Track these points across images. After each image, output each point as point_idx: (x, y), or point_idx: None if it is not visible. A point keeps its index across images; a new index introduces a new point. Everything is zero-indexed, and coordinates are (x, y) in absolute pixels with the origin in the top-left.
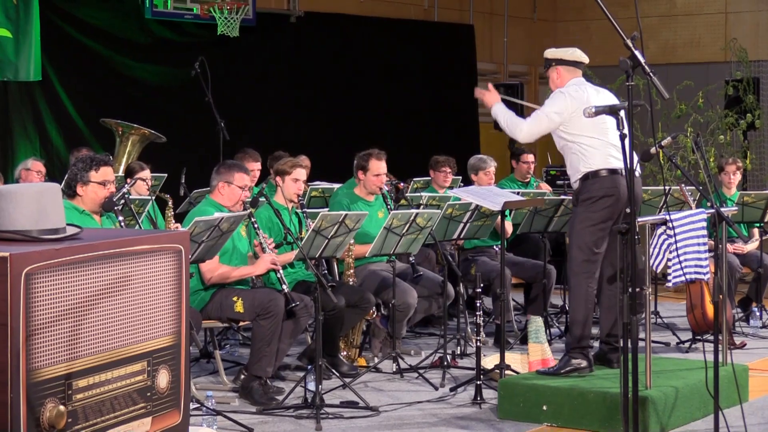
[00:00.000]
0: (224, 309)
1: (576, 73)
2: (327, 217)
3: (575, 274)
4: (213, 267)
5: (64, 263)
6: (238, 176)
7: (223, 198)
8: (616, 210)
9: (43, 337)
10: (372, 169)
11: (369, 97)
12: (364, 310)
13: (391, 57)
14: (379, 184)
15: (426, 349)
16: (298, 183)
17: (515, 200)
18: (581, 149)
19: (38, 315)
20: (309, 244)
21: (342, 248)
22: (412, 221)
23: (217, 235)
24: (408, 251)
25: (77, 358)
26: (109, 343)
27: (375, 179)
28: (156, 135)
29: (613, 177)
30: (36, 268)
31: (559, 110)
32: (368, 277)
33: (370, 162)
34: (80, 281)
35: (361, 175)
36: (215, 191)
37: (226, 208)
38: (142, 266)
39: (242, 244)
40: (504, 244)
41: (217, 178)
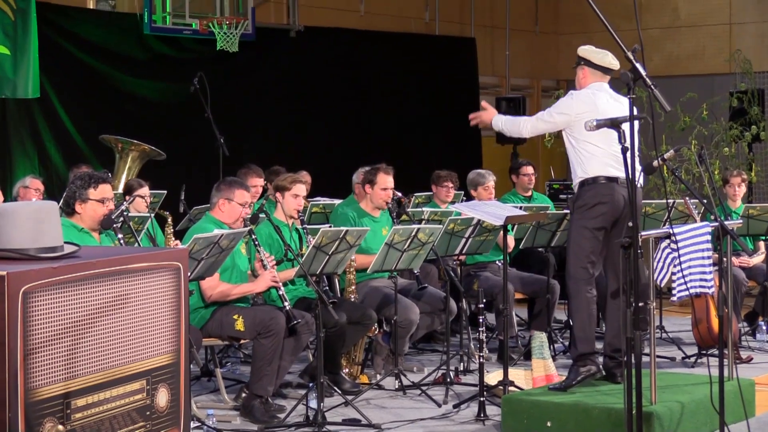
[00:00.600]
0: (225, 327)
1: (601, 78)
2: (328, 233)
3: (573, 280)
4: (213, 284)
5: (62, 281)
6: (238, 193)
7: (224, 215)
8: (610, 218)
9: (42, 356)
10: (380, 182)
11: (370, 112)
12: (365, 327)
13: (391, 71)
14: (386, 198)
15: (429, 365)
16: (298, 199)
17: (517, 215)
18: (582, 155)
19: (36, 334)
20: (310, 260)
21: (343, 264)
22: (414, 237)
23: (217, 252)
24: (410, 267)
25: (76, 377)
26: (107, 362)
27: (382, 193)
28: (156, 151)
29: (609, 185)
30: (33, 286)
31: (561, 111)
32: (370, 294)
33: (378, 176)
34: (79, 299)
35: (368, 189)
36: (215, 208)
37: (226, 225)
38: (141, 284)
39: (242, 261)
40: (506, 259)
41: (217, 195)
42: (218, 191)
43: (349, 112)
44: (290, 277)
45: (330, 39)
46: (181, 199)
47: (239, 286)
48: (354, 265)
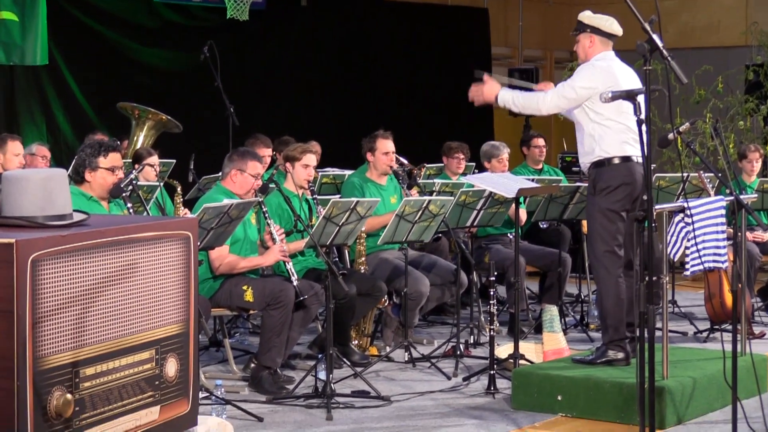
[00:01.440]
0: (234, 298)
1: (608, 46)
2: (338, 204)
3: (602, 266)
4: (222, 255)
5: (70, 250)
6: (251, 164)
7: (235, 186)
8: (633, 197)
9: (50, 324)
10: (380, 147)
11: (381, 83)
12: (375, 299)
13: (403, 41)
14: (389, 163)
15: (438, 338)
16: (308, 169)
17: (530, 187)
18: (600, 132)
19: (44, 302)
20: (320, 231)
21: (353, 235)
22: (425, 208)
23: (226, 222)
24: (420, 239)
25: (84, 346)
26: (116, 331)
27: (384, 158)
28: (174, 123)
29: (627, 165)
30: (42, 254)
31: (588, 85)
32: (380, 265)
33: (377, 141)
34: (87, 268)
35: (370, 156)
36: (227, 178)
37: (237, 196)
38: (150, 253)
39: (252, 231)
40: (518, 231)
41: (229, 165)
42: (230, 161)
43: (360, 83)
44: (300, 248)
45: (341, 8)
46: (191, 168)
47: (247, 259)
48: (363, 236)
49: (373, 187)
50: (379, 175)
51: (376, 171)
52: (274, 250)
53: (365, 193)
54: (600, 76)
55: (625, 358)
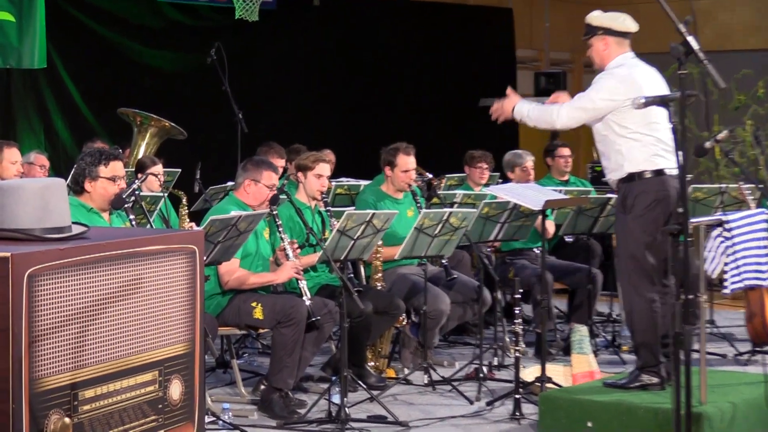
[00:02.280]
0: (242, 315)
1: (625, 46)
2: (353, 217)
3: (634, 289)
4: (232, 269)
5: (69, 264)
6: (266, 175)
7: (249, 197)
8: (667, 213)
9: (47, 343)
10: (400, 164)
11: (398, 87)
12: (393, 317)
13: (422, 43)
14: (408, 181)
15: (460, 359)
16: (321, 179)
17: (557, 199)
18: (627, 146)
19: (42, 320)
20: (333, 245)
21: (369, 250)
22: (446, 221)
23: (235, 235)
24: (440, 254)
25: (84, 367)
26: (117, 351)
27: (403, 175)
28: (178, 130)
29: (660, 179)
30: (39, 269)
31: (608, 96)
32: (397, 282)
33: (398, 157)
34: (87, 284)
35: (388, 171)
36: (240, 189)
37: (250, 208)
38: (153, 268)
39: (264, 247)
40: (545, 246)
41: (243, 175)
42: (244, 171)
43: (377, 87)
44: (312, 263)
45: (356, 8)
46: (197, 178)
47: (258, 274)
48: (381, 252)
49: (389, 202)
50: (396, 190)
51: (393, 186)
52: (288, 266)
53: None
54: (621, 86)
55: (660, 383)
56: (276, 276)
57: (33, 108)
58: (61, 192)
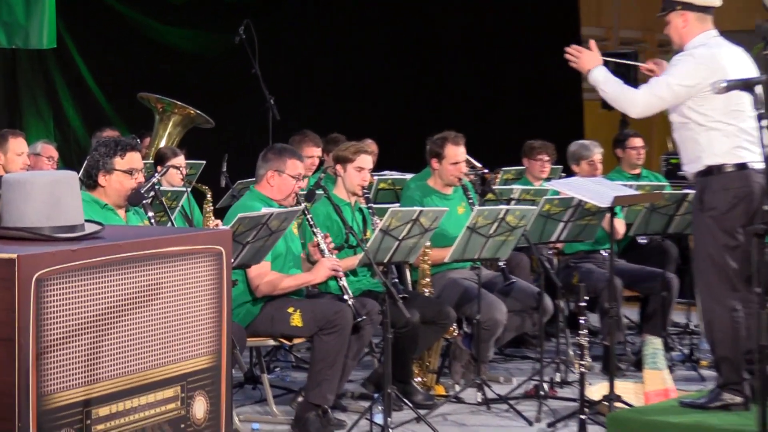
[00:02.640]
0: (277, 323)
1: (707, 23)
2: (398, 214)
3: (714, 297)
4: (263, 272)
5: (82, 267)
6: (290, 164)
7: (273, 190)
8: (751, 211)
9: (58, 355)
10: (448, 156)
11: (449, 70)
12: (442, 327)
13: (475, 21)
14: (458, 174)
15: (518, 375)
16: (362, 173)
17: (627, 195)
18: (707, 137)
19: (51, 329)
20: (376, 246)
21: (416, 252)
22: (501, 220)
23: (266, 235)
24: (496, 256)
25: (98, 382)
26: (135, 364)
27: (452, 168)
28: (204, 118)
29: (742, 173)
30: (49, 272)
31: (687, 82)
32: (448, 288)
33: (446, 148)
34: (101, 289)
35: (436, 163)
36: (262, 181)
37: (275, 203)
38: (175, 272)
39: (295, 244)
40: (614, 247)
41: (264, 167)
42: (265, 161)
43: (424, 71)
44: (352, 266)
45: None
46: (223, 171)
47: (292, 276)
48: (429, 254)
49: (437, 198)
50: (444, 185)
51: (441, 181)
52: (324, 264)
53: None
54: (702, 69)
55: (744, 403)
56: (312, 276)
57: (41, 93)
58: (73, 187)
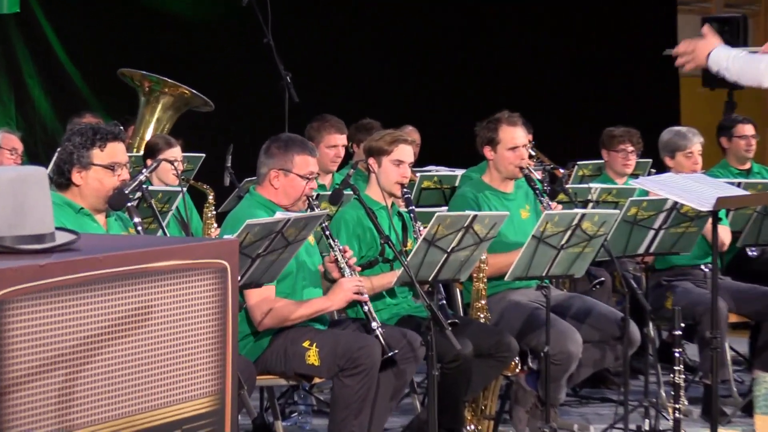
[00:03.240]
0: (290, 360)
1: None
2: (446, 220)
3: None
4: (267, 297)
5: (52, 286)
6: (299, 160)
7: (277, 193)
8: None
9: (23, 395)
10: (504, 139)
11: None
12: (501, 362)
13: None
14: (518, 162)
15: (597, 422)
16: (402, 168)
17: (735, 196)
18: None
19: (17, 362)
20: (419, 260)
21: (468, 267)
22: (576, 227)
23: (281, 247)
24: (569, 273)
25: (75, 428)
26: (119, 408)
27: (510, 155)
28: (201, 99)
29: None
30: (11, 293)
31: None
32: (508, 312)
33: (500, 130)
34: (77, 314)
35: (489, 152)
36: (264, 182)
37: (280, 208)
38: (168, 293)
39: (314, 258)
40: (717, 262)
41: (267, 164)
42: (268, 157)
43: (475, 45)
44: (389, 285)
45: None
46: (227, 167)
47: (305, 304)
48: (485, 269)
49: (493, 198)
50: (504, 179)
51: (498, 174)
52: (343, 285)
53: (483, 208)
54: None
55: None
56: (329, 302)
57: (1, 70)
58: (41, 186)
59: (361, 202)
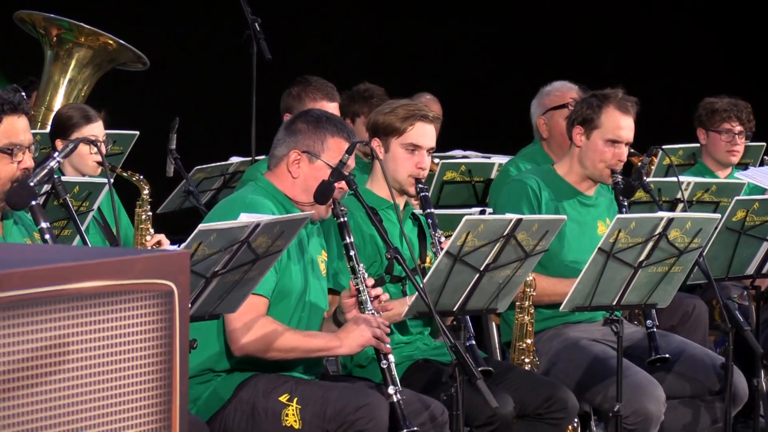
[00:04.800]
0: (260, 419)
1: None
2: (478, 226)
3: None
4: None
5: None
6: (333, 144)
7: (295, 184)
8: None
9: None
10: (607, 126)
11: None
12: (554, 426)
13: None
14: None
15: None
16: (418, 155)
17: None
18: None
19: None
20: (440, 282)
21: (509, 293)
22: (660, 237)
23: (246, 262)
24: (649, 302)
25: None
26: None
27: (608, 151)
28: (132, 52)
29: None
30: None
31: None
32: (564, 355)
33: (606, 112)
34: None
35: (579, 136)
36: (279, 167)
37: (295, 207)
38: (90, 326)
39: (320, 286)
40: None
41: (287, 142)
42: (290, 134)
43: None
44: (398, 317)
45: None
46: (171, 150)
47: (306, 335)
48: (532, 295)
49: (566, 197)
50: (584, 177)
51: (581, 168)
52: (362, 325)
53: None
54: None
55: None
56: (337, 341)
57: None
58: None
59: (360, 200)
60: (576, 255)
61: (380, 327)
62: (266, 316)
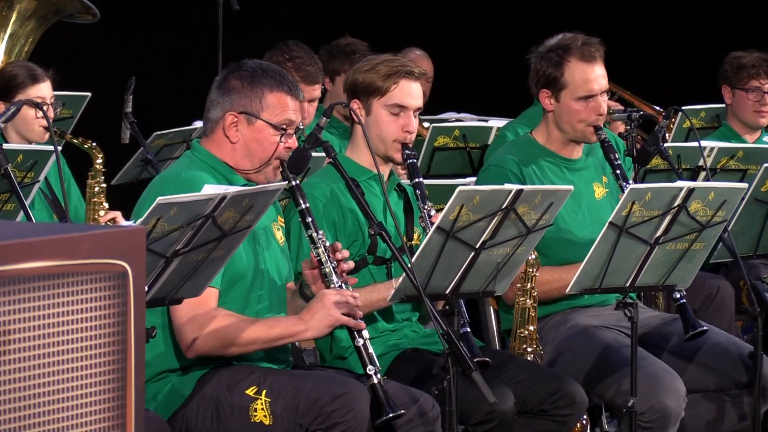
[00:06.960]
0: (226, 416)
1: None
2: (473, 198)
3: None
4: (205, 303)
5: None
6: (273, 100)
7: (235, 150)
8: None
9: None
10: (574, 83)
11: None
12: (560, 423)
13: None
14: (592, 118)
15: None
16: (404, 117)
17: None
18: None
19: None
20: (430, 262)
21: (509, 274)
22: (680, 209)
23: (211, 239)
24: (668, 282)
25: None
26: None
27: (582, 108)
28: (80, 2)
29: None
30: None
31: None
32: (571, 344)
33: (569, 66)
34: None
35: (547, 99)
36: (215, 132)
37: (240, 177)
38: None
39: (280, 261)
40: None
41: (221, 103)
42: (223, 93)
43: None
44: (382, 302)
45: None
46: (126, 113)
47: (265, 322)
48: (534, 276)
49: (551, 168)
50: (567, 141)
51: (559, 133)
52: (328, 299)
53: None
54: None
55: None
56: (303, 325)
57: None
58: None
59: (339, 169)
60: (579, 230)
61: (349, 300)
62: (217, 308)
